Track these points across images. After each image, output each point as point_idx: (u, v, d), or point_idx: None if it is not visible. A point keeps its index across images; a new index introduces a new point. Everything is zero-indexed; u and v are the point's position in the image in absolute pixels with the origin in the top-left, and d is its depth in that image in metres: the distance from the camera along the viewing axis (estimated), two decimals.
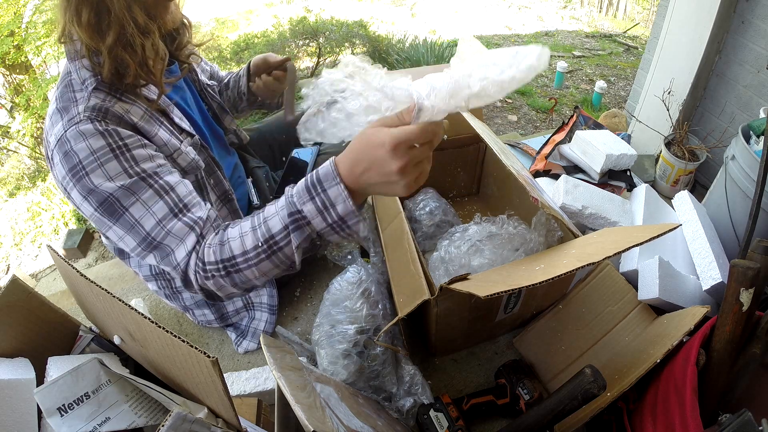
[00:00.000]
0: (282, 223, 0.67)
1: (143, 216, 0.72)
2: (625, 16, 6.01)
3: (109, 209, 0.72)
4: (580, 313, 0.98)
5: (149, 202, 0.73)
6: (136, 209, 0.72)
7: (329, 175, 0.63)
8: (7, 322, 0.65)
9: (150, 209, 0.73)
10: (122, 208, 0.72)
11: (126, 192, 0.71)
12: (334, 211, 0.65)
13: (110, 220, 0.73)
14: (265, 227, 0.69)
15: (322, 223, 0.66)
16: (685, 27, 1.43)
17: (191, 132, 0.88)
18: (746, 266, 0.69)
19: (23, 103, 2.70)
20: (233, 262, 0.70)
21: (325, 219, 0.65)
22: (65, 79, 0.75)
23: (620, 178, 1.37)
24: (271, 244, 0.69)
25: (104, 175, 0.71)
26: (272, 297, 1.09)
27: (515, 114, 2.88)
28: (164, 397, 0.56)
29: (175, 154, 0.82)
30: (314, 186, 0.65)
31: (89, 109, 0.71)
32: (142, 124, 0.77)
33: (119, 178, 0.71)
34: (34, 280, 2.03)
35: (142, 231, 0.73)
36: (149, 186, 0.73)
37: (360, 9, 5.04)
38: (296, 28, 3.23)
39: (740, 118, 1.39)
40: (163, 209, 0.73)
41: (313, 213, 0.65)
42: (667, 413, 0.67)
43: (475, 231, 0.98)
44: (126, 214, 0.72)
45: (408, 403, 0.87)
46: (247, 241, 0.70)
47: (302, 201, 0.65)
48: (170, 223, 0.73)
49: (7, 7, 2.67)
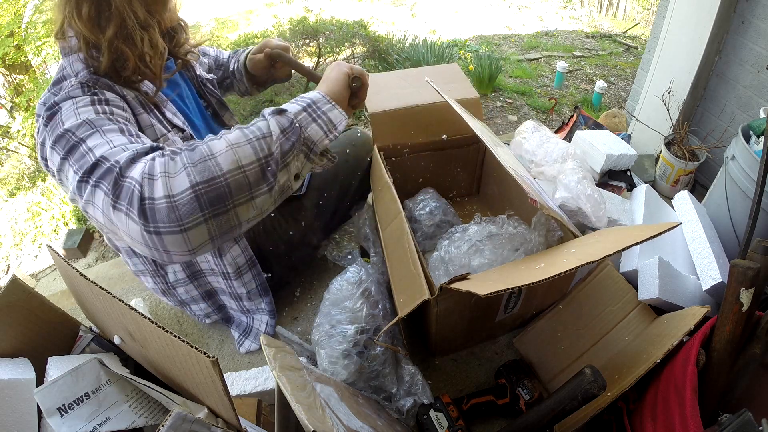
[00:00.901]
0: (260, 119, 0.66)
1: (97, 144, 0.62)
2: (625, 16, 6.01)
3: (68, 148, 0.63)
4: (580, 313, 0.98)
5: (109, 133, 0.64)
6: (92, 139, 0.63)
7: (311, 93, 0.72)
8: (7, 322, 0.65)
9: (106, 136, 0.63)
10: (79, 140, 0.63)
11: (87, 126, 0.64)
12: (306, 98, 0.70)
13: (70, 157, 0.63)
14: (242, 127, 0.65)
15: (296, 107, 0.68)
16: (685, 27, 1.43)
17: (182, 128, 0.86)
18: (746, 266, 0.69)
19: (23, 103, 2.70)
20: (205, 145, 0.61)
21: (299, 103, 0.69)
22: (59, 73, 0.76)
23: (620, 178, 1.37)
24: (242, 126, 0.65)
25: (75, 117, 0.66)
26: (270, 303, 1.09)
27: (515, 114, 2.88)
28: (164, 397, 0.56)
29: (161, 139, 0.79)
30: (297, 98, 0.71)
31: (79, 79, 0.71)
32: (131, 101, 0.76)
33: (87, 113, 0.66)
34: (34, 280, 2.03)
35: (91, 157, 0.60)
36: (114, 123, 0.66)
37: (360, 9, 5.04)
38: (296, 28, 3.23)
39: (740, 118, 1.39)
40: (120, 139, 0.63)
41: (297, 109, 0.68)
42: (667, 413, 0.67)
43: (475, 231, 0.98)
44: (81, 146, 0.62)
45: (408, 403, 0.87)
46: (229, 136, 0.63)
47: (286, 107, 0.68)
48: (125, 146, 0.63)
49: (7, 7, 2.67)
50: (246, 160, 0.61)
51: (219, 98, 1.08)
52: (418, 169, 1.28)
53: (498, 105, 2.99)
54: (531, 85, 3.24)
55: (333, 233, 1.31)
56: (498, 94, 3.11)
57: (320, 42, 3.19)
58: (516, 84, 3.24)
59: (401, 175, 1.24)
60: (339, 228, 1.30)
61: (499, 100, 3.03)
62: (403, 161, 1.24)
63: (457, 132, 1.23)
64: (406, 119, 1.18)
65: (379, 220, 1.03)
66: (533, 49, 4.02)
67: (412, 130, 1.20)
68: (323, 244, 1.28)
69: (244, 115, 2.96)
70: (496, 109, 2.96)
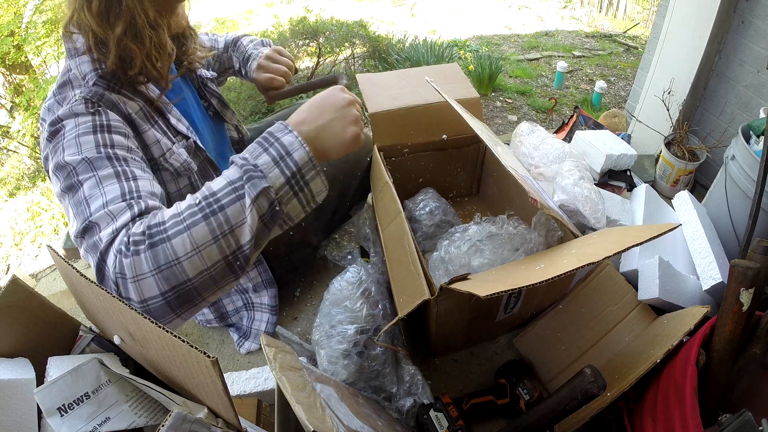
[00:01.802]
0: (226, 180, 0.59)
1: (93, 194, 0.63)
2: (625, 16, 6.01)
3: (68, 184, 0.64)
4: (580, 313, 0.98)
5: (105, 180, 0.64)
6: (89, 185, 0.63)
7: (279, 128, 0.62)
8: (7, 322, 0.65)
9: (102, 187, 0.63)
10: (78, 183, 0.64)
11: (87, 166, 0.65)
12: (291, 160, 0.59)
13: (68, 197, 0.64)
14: (205, 188, 0.60)
15: (280, 177, 0.59)
16: (685, 27, 1.43)
17: (186, 134, 0.86)
18: (746, 266, 0.69)
19: (23, 103, 2.71)
20: (162, 227, 0.57)
21: (283, 171, 0.59)
22: (64, 75, 0.75)
23: (620, 178, 1.37)
24: (211, 201, 0.57)
25: (76, 147, 0.66)
26: (273, 298, 1.09)
27: (515, 114, 2.88)
28: (164, 397, 0.56)
29: (168, 153, 0.80)
30: (266, 139, 0.61)
31: (85, 92, 0.71)
32: (135, 118, 0.76)
33: (88, 150, 0.66)
34: (34, 280, 2.03)
35: (86, 211, 0.62)
36: (111, 166, 0.66)
37: (360, 9, 5.04)
38: (296, 28, 3.23)
39: (740, 118, 1.39)
40: (114, 192, 0.63)
41: (269, 164, 0.59)
42: (667, 413, 0.67)
43: (475, 231, 0.98)
44: (80, 191, 0.63)
45: (408, 403, 0.87)
46: (182, 203, 0.59)
47: (256, 155, 0.59)
48: (113, 205, 0.62)
49: (7, 7, 2.68)
50: (211, 261, 0.57)
51: (220, 97, 1.08)
52: (418, 169, 1.28)
53: (498, 105, 2.99)
54: (531, 85, 3.24)
55: (333, 233, 1.31)
56: (498, 94, 3.11)
57: (320, 42, 3.19)
58: (516, 84, 3.24)
59: (401, 175, 1.24)
60: (339, 228, 1.30)
61: (499, 100, 3.03)
62: (403, 161, 1.24)
63: (457, 132, 1.23)
64: (406, 119, 1.18)
65: (379, 220, 1.03)
66: (533, 49, 4.02)
67: (412, 130, 1.20)
68: (323, 244, 1.28)
69: (245, 115, 2.96)
70: (496, 109, 2.96)
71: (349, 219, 1.24)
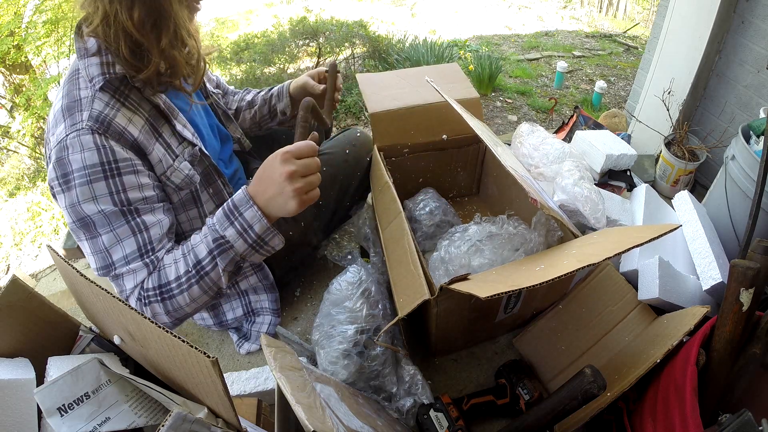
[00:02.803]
0: (207, 249, 0.76)
1: (113, 246, 0.76)
2: (625, 16, 6.01)
3: (84, 227, 0.75)
4: (580, 313, 0.98)
5: (122, 235, 0.76)
6: (108, 238, 0.76)
7: (243, 200, 0.75)
8: (7, 322, 0.65)
9: (121, 243, 0.76)
10: (96, 232, 0.75)
11: (104, 219, 0.75)
12: (253, 232, 0.76)
13: (85, 235, 0.76)
14: (192, 254, 0.77)
15: (243, 245, 0.77)
16: (685, 27, 1.43)
17: (193, 141, 0.87)
18: (746, 266, 0.69)
19: (23, 103, 2.71)
20: (168, 288, 0.78)
21: (246, 240, 0.77)
22: (73, 76, 0.76)
23: (620, 178, 1.37)
24: (199, 269, 0.77)
25: (90, 194, 0.73)
26: (274, 302, 1.09)
27: (515, 114, 2.88)
28: (164, 397, 0.56)
29: (169, 171, 0.82)
30: (231, 212, 0.76)
31: (92, 118, 0.72)
32: (141, 139, 0.78)
33: (103, 200, 0.74)
34: (34, 280, 2.03)
35: (108, 259, 0.77)
36: (126, 222, 0.76)
37: (360, 9, 5.04)
38: (296, 28, 3.23)
39: (740, 118, 1.39)
40: (132, 246, 0.77)
41: (235, 236, 0.76)
42: (667, 413, 0.67)
43: (475, 231, 0.98)
44: (99, 239, 0.76)
45: (408, 403, 0.87)
46: (180, 267, 0.77)
47: (223, 227, 0.76)
48: (134, 263, 0.77)
49: (7, 7, 2.68)
50: (202, 301, 0.81)
51: (224, 110, 1.10)
52: (418, 169, 1.28)
53: (498, 105, 2.99)
54: (531, 85, 3.24)
55: (333, 233, 1.31)
56: (498, 94, 3.11)
57: (320, 42, 3.19)
58: (516, 84, 3.24)
59: (401, 175, 1.24)
60: (339, 228, 1.30)
61: (499, 100, 3.03)
62: (403, 161, 1.24)
63: (457, 132, 1.23)
64: (406, 119, 1.18)
65: (379, 220, 1.03)
66: (533, 49, 4.02)
67: (412, 130, 1.20)
68: (323, 244, 1.28)
69: None
70: (496, 109, 2.96)
71: (349, 219, 1.24)
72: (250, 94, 1.22)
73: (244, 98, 1.21)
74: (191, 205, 0.89)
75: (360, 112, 2.89)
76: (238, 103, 1.21)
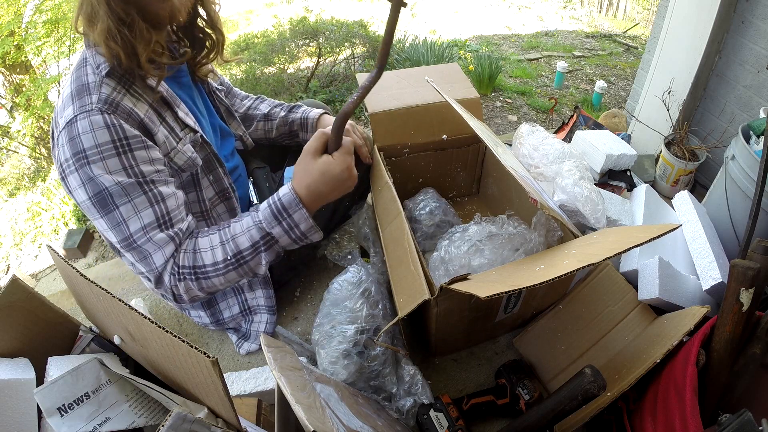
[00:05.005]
0: (250, 242, 0.83)
1: (131, 218, 0.77)
2: (625, 16, 6.01)
3: (101, 201, 0.75)
4: (580, 313, 0.98)
5: (140, 206, 0.77)
6: (125, 209, 0.77)
7: (292, 202, 0.83)
8: (7, 322, 0.65)
9: (139, 213, 0.78)
10: (113, 204, 0.76)
11: (121, 190, 0.75)
12: (298, 230, 0.85)
13: (100, 211, 0.76)
14: (233, 244, 0.83)
15: (287, 240, 0.86)
16: (685, 27, 1.43)
17: (194, 129, 0.89)
18: (746, 266, 0.69)
19: (23, 103, 2.70)
20: (204, 270, 0.83)
21: (290, 236, 0.85)
22: (81, 64, 0.78)
23: (620, 178, 1.37)
24: (239, 258, 0.83)
25: (104, 168, 0.74)
26: (269, 298, 1.09)
27: (515, 114, 2.88)
28: (164, 397, 0.56)
29: (172, 152, 0.84)
30: (280, 212, 0.83)
31: (101, 100, 0.73)
32: (146, 121, 0.79)
33: (118, 174, 0.75)
34: (34, 280, 2.03)
35: (126, 231, 0.78)
36: (144, 192, 0.77)
37: (360, 9, 5.04)
38: (296, 28, 3.23)
39: (740, 118, 1.39)
40: (150, 217, 0.78)
41: (281, 233, 0.85)
42: (667, 413, 0.67)
43: (475, 231, 0.98)
44: (116, 211, 0.76)
45: (408, 403, 0.87)
46: (218, 253, 0.83)
47: (271, 225, 0.84)
48: (153, 232, 0.79)
49: (7, 7, 2.68)
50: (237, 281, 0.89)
51: (227, 107, 1.11)
52: (418, 169, 1.28)
53: (498, 105, 2.99)
54: (531, 85, 3.24)
55: (333, 233, 1.31)
56: (498, 94, 3.11)
57: (320, 42, 3.19)
58: (516, 84, 3.24)
59: (401, 175, 1.24)
60: (339, 228, 1.30)
61: (499, 100, 3.03)
62: (403, 161, 1.24)
63: (457, 132, 1.23)
64: (406, 119, 1.18)
65: (379, 220, 1.03)
66: (533, 49, 4.02)
67: (412, 130, 1.20)
68: (323, 244, 1.28)
69: None
70: (496, 109, 2.96)
71: (349, 219, 1.24)
72: (265, 105, 1.21)
73: (258, 107, 1.20)
74: (191, 188, 0.91)
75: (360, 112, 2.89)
76: (249, 110, 1.20)
